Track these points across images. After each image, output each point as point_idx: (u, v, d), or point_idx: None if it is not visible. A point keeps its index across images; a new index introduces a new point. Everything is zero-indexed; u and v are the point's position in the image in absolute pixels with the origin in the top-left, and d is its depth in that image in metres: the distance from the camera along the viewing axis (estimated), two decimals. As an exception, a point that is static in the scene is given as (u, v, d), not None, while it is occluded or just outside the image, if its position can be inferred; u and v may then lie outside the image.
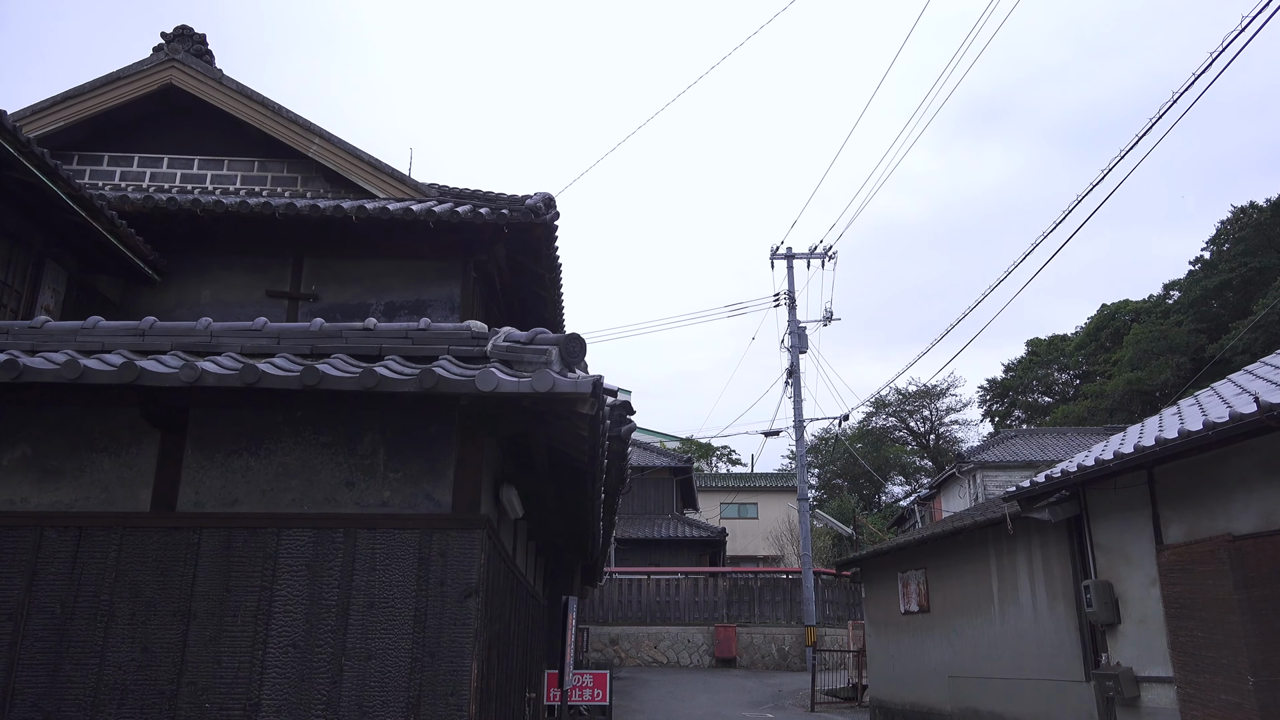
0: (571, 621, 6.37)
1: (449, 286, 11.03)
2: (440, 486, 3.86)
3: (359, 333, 4.00)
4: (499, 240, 10.87)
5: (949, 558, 12.42)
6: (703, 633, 26.75)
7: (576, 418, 3.79)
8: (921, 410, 57.74)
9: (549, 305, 12.62)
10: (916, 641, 13.36)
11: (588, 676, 8.85)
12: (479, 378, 3.46)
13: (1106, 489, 8.74)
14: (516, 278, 12.12)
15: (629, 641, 26.80)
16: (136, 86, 11.92)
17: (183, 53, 12.04)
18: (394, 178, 11.62)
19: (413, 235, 10.77)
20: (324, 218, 10.19)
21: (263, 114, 11.88)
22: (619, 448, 9.13)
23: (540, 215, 10.31)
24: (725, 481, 46.05)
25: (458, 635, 3.64)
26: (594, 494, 5.49)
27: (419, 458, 3.89)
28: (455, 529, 3.78)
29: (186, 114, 12.15)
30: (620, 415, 9.07)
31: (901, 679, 13.95)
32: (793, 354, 27.11)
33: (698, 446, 61.89)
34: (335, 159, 11.82)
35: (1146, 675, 8.41)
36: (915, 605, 13.33)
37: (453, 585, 3.72)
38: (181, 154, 12.21)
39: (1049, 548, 10.09)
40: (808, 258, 28.02)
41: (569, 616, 6.36)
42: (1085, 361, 51.61)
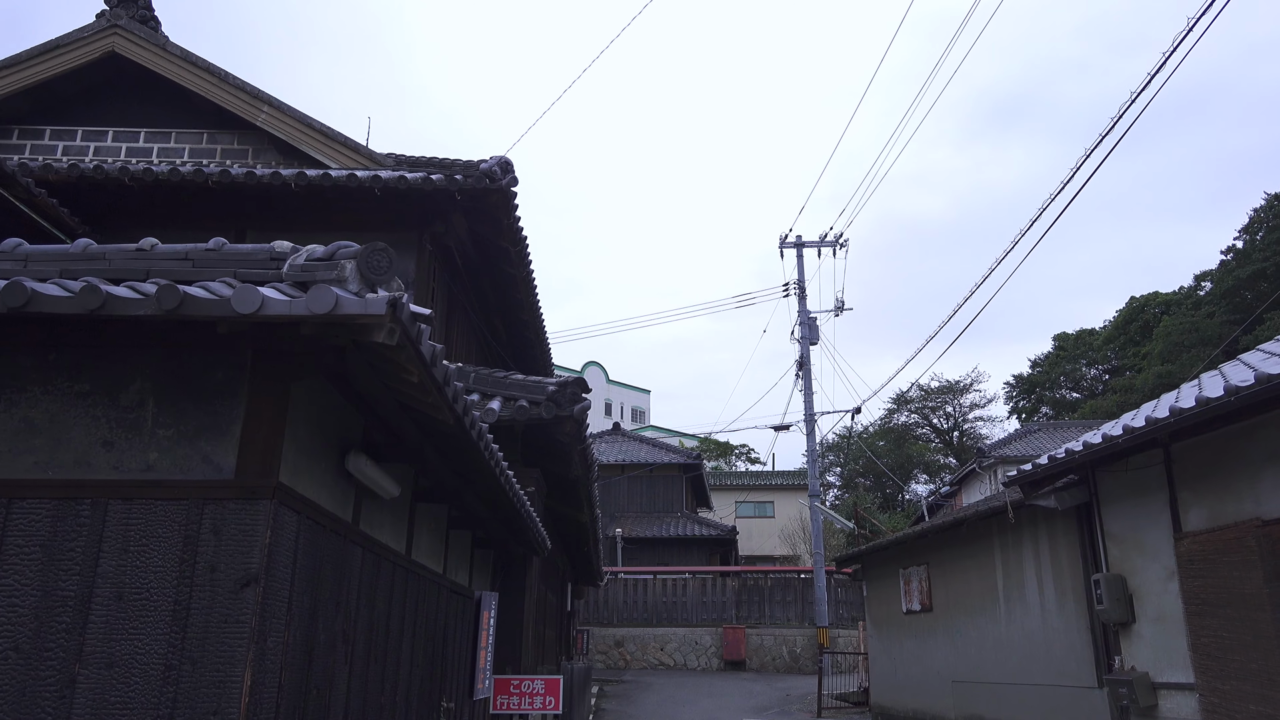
0: (486, 619, 5.51)
1: (403, 261, 10.20)
2: (222, 447, 3.02)
3: (128, 255, 3.18)
4: (454, 209, 10.05)
5: (951, 552, 11.44)
6: (711, 634, 25.82)
7: (404, 357, 2.93)
8: (944, 407, 56.33)
9: (520, 285, 11.80)
10: (919, 643, 12.38)
11: (538, 683, 7.99)
12: (235, 296, 2.62)
13: (1118, 471, 7.76)
14: (482, 255, 11.30)
15: (635, 644, 25.92)
16: (77, 55, 11.24)
17: (125, 18, 11.33)
18: (347, 147, 10.84)
19: (361, 206, 9.98)
20: (261, 186, 9.43)
21: (209, 81, 11.15)
22: (573, 429, 8.30)
23: (496, 180, 9.48)
24: (741, 479, 45.03)
25: (227, 637, 2.80)
26: (489, 472, 4.64)
27: (198, 411, 3.05)
28: (235, 499, 2.94)
29: (133, 85, 11.46)
30: (574, 393, 8.23)
31: (904, 683, 12.97)
32: (803, 345, 26.13)
33: (716, 445, 60.93)
34: (285, 128, 11.06)
35: (1165, 681, 7.42)
36: (917, 604, 12.35)
37: (226, 572, 2.87)
38: (127, 127, 11.51)
39: (1057, 539, 9.10)
40: (818, 245, 27.02)
41: (482, 614, 5.50)
42: (1114, 355, 50.08)
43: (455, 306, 11.47)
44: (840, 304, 26.76)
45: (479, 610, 5.51)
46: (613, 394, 75.74)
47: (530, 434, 8.52)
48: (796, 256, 26.87)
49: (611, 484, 30.61)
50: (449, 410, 3.51)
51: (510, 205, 9.76)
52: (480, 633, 5.46)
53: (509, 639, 8.22)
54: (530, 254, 11.12)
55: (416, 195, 9.66)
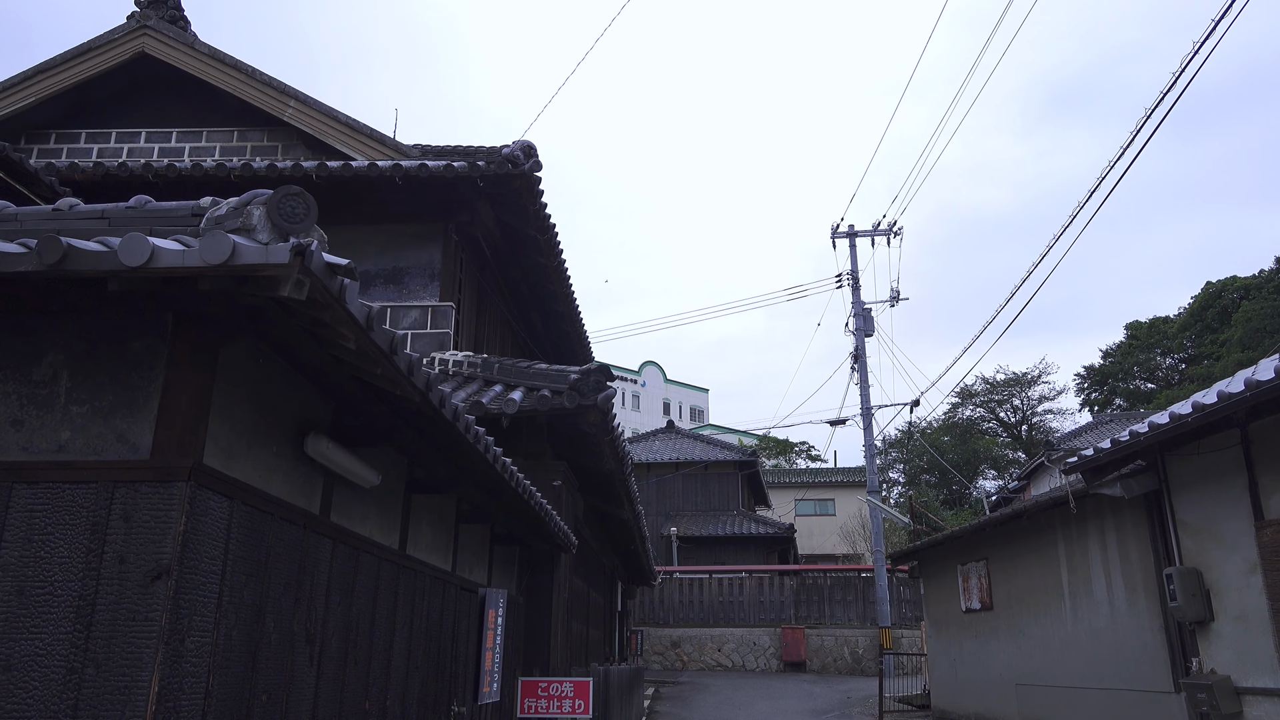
0: (493, 618, 5.15)
1: (428, 252, 9.99)
2: (138, 424, 2.70)
3: (43, 216, 2.89)
4: (479, 198, 9.77)
5: (1012, 547, 10.77)
6: (769, 635, 25.22)
7: (331, 317, 2.58)
8: (1011, 400, 54.64)
9: (551, 275, 11.47)
10: (980, 643, 11.71)
11: (567, 685, 7.64)
12: (122, 247, 2.30)
13: (1189, 454, 7.09)
14: (511, 245, 11.00)
15: (691, 644, 25.45)
16: (109, 56, 11.25)
17: (155, 19, 11.31)
18: (373, 139, 10.64)
19: (385, 197, 9.76)
20: (283, 179, 9.26)
21: (236, 78, 11.07)
22: (597, 419, 7.91)
23: (519, 165, 9.17)
24: (800, 477, 44.21)
25: (134, 636, 2.48)
26: (476, 456, 4.28)
27: (114, 385, 2.74)
28: (148, 482, 2.61)
29: (164, 86, 11.44)
30: (597, 381, 7.84)
31: (965, 686, 12.30)
32: (857, 337, 25.39)
33: (775, 443, 60.13)
34: (312, 122, 10.91)
35: (1249, 686, 6.74)
36: (977, 602, 11.68)
37: (135, 564, 2.55)
38: (160, 128, 11.50)
39: (1124, 530, 8.42)
40: (871, 235, 26.26)
41: (487, 613, 5.14)
42: (1190, 343, 48.03)
43: (485, 299, 11.20)
44: (896, 294, 25.97)
45: (483, 609, 5.15)
46: (671, 393, 75.31)
47: (556, 426, 8.18)
48: (849, 246, 26.14)
49: (665, 482, 30.21)
50: (406, 383, 3.16)
51: (534, 191, 9.44)
52: (485, 632, 5.10)
53: (537, 639, 7.88)
54: (560, 242, 10.79)
55: (439, 184, 9.41)
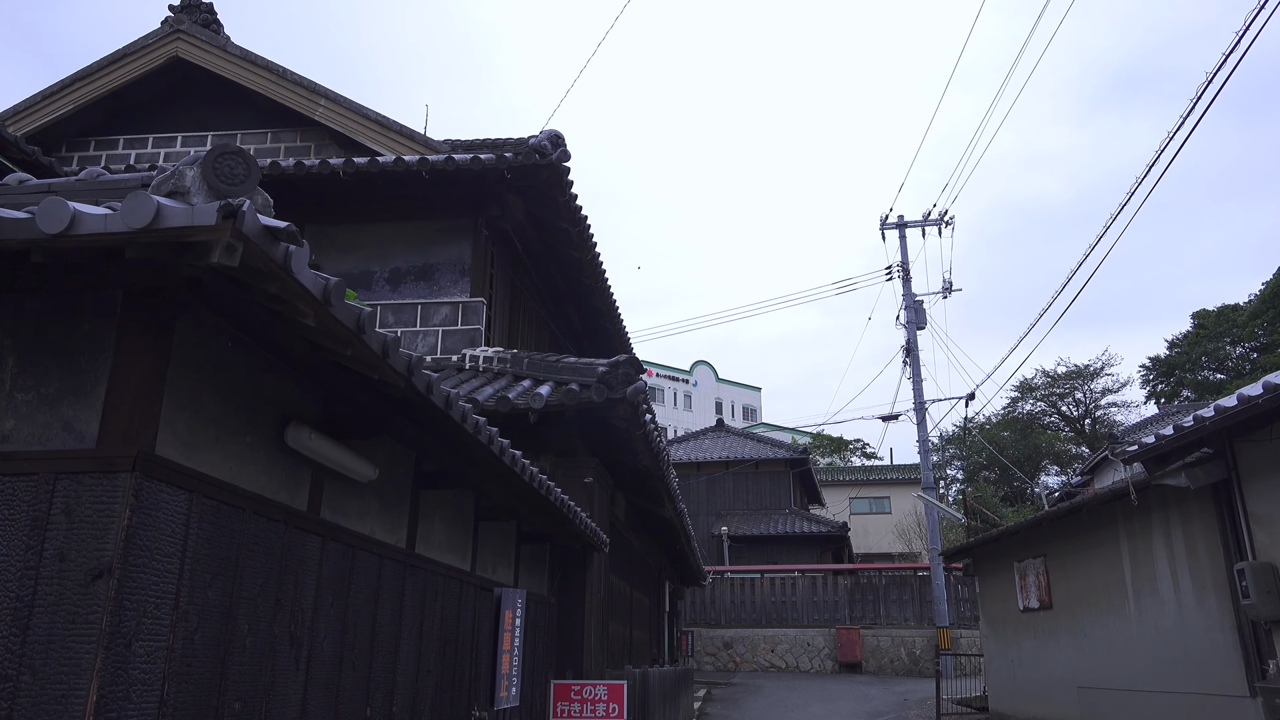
0: (509, 619, 4.93)
1: (458, 247, 9.83)
2: (85, 411, 2.52)
3: (-9, 193, 2.72)
4: (508, 190, 9.58)
5: (1071, 542, 10.24)
6: (823, 635, 24.73)
7: (280, 288, 2.36)
8: (1073, 393, 53.05)
9: (586, 269, 11.24)
10: (1039, 644, 11.18)
11: (600, 688, 7.40)
12: (40, 212, 2.10)
13: (1261, 440, 6.58)
14: (544, 240, 10.79)
15: (744, 645, 25.07)
16: (144, 61, 11.32)
17: (188, 23, 11.35)
18: (403, 135, 10.53)
19: (413, 193, 9.63)
20: (311, 177, 9.18)
21: (267, 79, 11.05)
22: (627, 412, 7.65)
23: (546, 155, 8.96)
24: (855, 475, 43.44)
25: (74, 640, 2.29)
26: (477, 445, 4.04)
27: (62, 370, 2.56)
28: (91, 473, 2.42)
29: (199, 90, 11.48)
30: (626, 373, 7.58)
31: (1024, 688, 11.77)
32: (909, 330, 24.75)
33: (830, 441, 59.24)
34: (343, 120, 10.84)
35: (1332, 689, 6.22)
36: (1035, 600, 11.15)
37: (76, 561, 2.36)
38: (194, 131, 11.54)
39: (1191, 523, 7.90)
40: (921, 225, 25.58)
41: (503, 613, 4.91)
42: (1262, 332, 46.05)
43: (519, 295, 11.01)
44: (948, 285, 25.27)
45: (499, 609, 4.92)
46: (723, 392, 74.82)
47: (587, 421, 7.93)
48: (898, 237, 25.51)
49: (715, 481, 29.86)
50: (384, 367, 2.93)
51: (563, 181, 9.22)
52: (502, 634, 4.87)
53: (570, 641, 7.66)
54: (593, 235, 10.56)
55: (467, 178, 9.24)
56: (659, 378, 70.91)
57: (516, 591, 5.13)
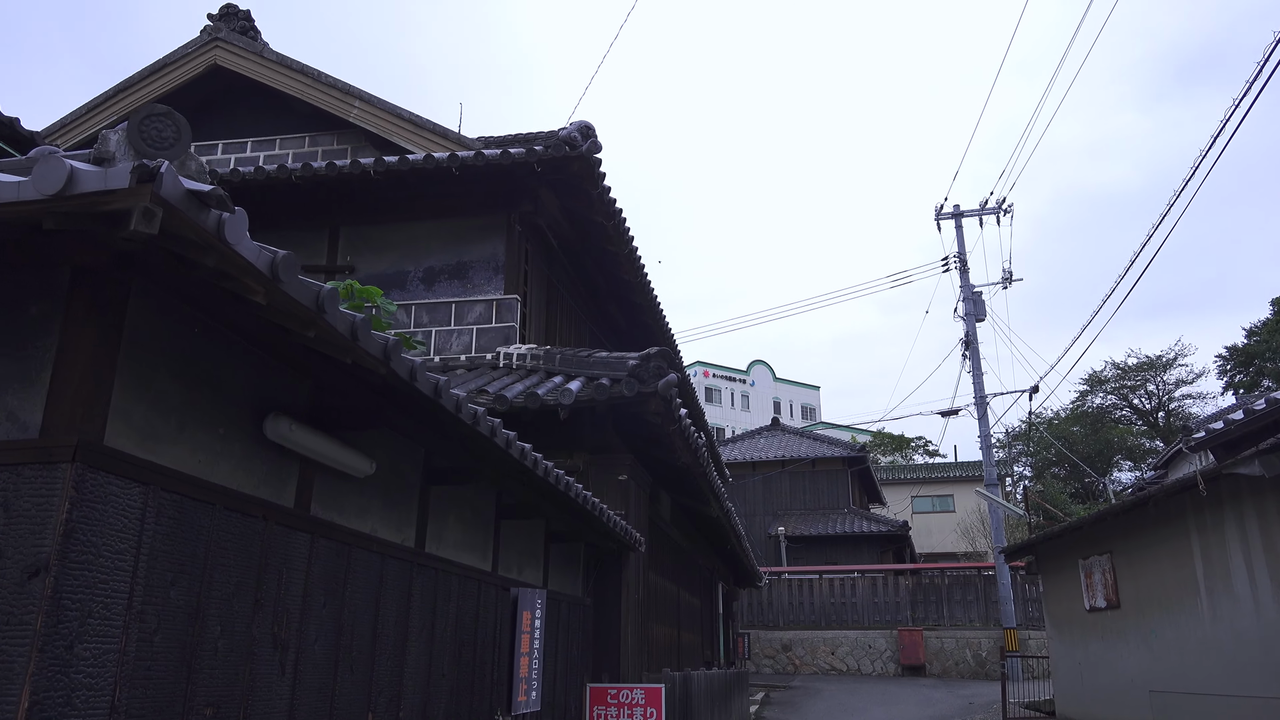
0: (527, 620, 4.73)
1: (491, 244, 9.70)
2: (29, 399, 2.38)
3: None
4: (540, 185, 9.42)
5: (1138, 538, 9.69)
6: (885, 637, 24.15)
7: (217, 260, 2.19)
8: (1145, 385, 51.17)
9: (624, 264, 11.03)
10: (1106, 645, 10.62)
11: (638, 692, 7.18)
12: (-51, 184, 1.94)
13: (1342, 424, 6.09)
14: (581, 236, 10.61)
15: (803, 647, 24.61)
16: (184, 70, 11.45)
17: (226, 30, 11.45)
18: (436, 133, 10.46)
19: (446, 190, 9.54)
20: (343, 177, 9.14)
21: (303, 82, 11.09)
22: (659, 407, 7.40)
23: (576, 146, 8.77)
24: (917, 473, 42.52)
25: (8, 643, 2.15)
26: (479, 439, 3.85)
27: (7, 356, 2.45)
28: (32, 464, 2.27)
29: (238, 97, 11.57)
30: (658, 366, 7.34)
31: (1093, 692, 11.20)
32: (967, 322, 24.08)
33: (891, 439, 58.16)
34: (377, 121, 10.82)
35: None
36: (1101, 600, 10.60)
37: (14, 558, 2.22)
38: (235, 138, 11.64)
39: (1268, 516, 7.37)
40: (979, 214, 24.88)
41: (520, 614, 4.72)
42: (1348, 316, 43.86)
43: (556, 292, 10.85)
44: (1008, 275, 24.52)
45: (515, 610, 4.73)
46: (781, 392, 74.07)
47: (621, 417, 7.72)
48: (955, 227, 24.85)
49: (771, 481, 29.42)
50: (353, 348, 2.75)
51: (594, 174, 9.02)
52: (519, 636, 4.68)
53: (606, 644, 7.45)
54: (630, 229, 10.34)
55: (498, 173, 9.11)
56: (715, 378, 70.52)
57: (535, 591, 4.93)
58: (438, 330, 9.43)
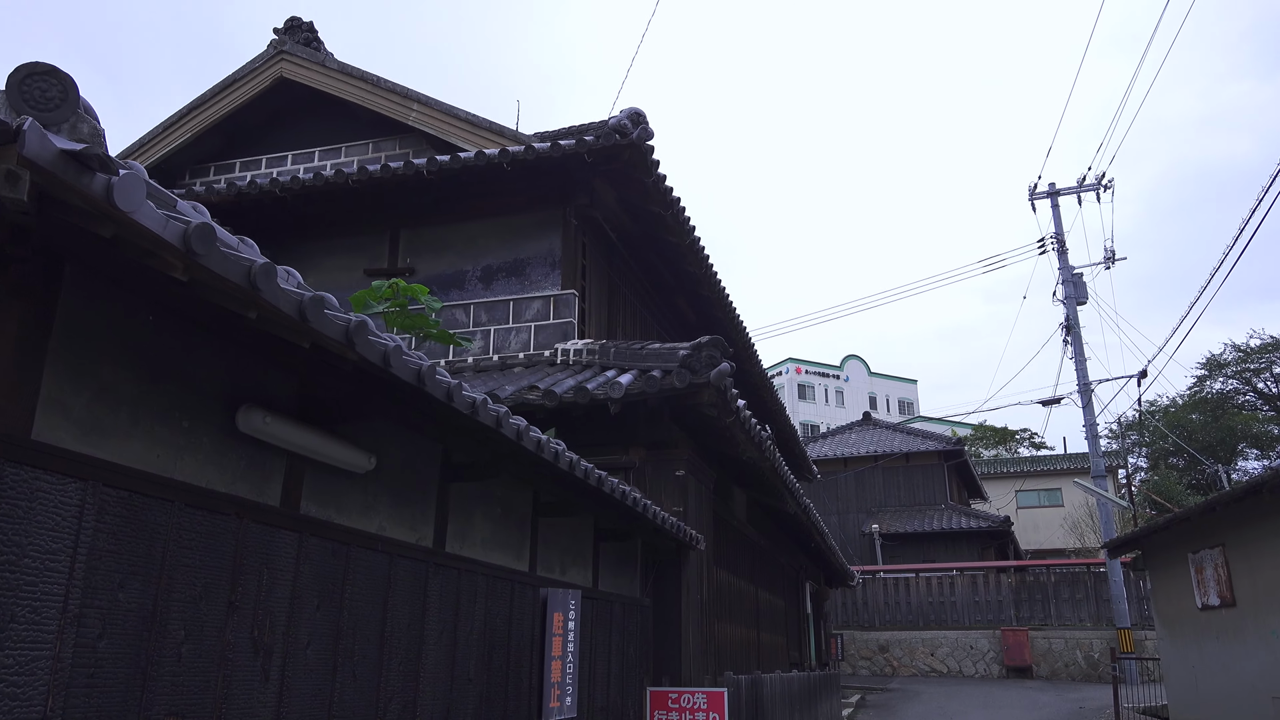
0: (559, 622, 4.51)
1: (548, 240, 9.56)
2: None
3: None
4: (593, 176, 9.22)
5: (1254, 528, 8.86)
6: (987, 637, 23.14)
7: (122, 230, 2.02)
8: (1271, 368, 47.86)
9: (687, 255, 10.74)
10: (1223, 646, 9.76)
11: (699, 696, 6.88)
12: None
13: None
14: (640, 227, 10.36)
15: (900, 648, 23.80)
16: (252, 85, 11.69)
17: (290, 43, 11.63)
18: (493, 131, 10.37)
19: (500, 188, 9.43)
20: (398, 179, 9.13)
21: (363, 88, 11.17)
22: (714, 398, 7.05)
23: (627, 134, 8.54)
24: (1022, 466, 40.79)
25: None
26: (480, 429, 3.63)
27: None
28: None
29: (304, 108, 11.74)
30: (710, 355, 7.02)
31: (1208, 697, 10.33)
32: (1068, 306, 22.89)
33: (993, 432, 56.09)
34: (435, 122, 10.81)
35: None
36: (1214, 597, 9.75)
37: (-74, 560, 2.08)
38: (303, 148, 11.82)
39: (1400, 502, 6.59)
40: (1076, 191, 23.64)
41: (551, 616, 4.49)
42: None
43: (618, 286, 10.63)
44: (1110, 254, 23.22)
45: (545, 611, 4.50)
46: (876, 386, 72.39)
47: (680, 410, 7.45)
48: (1051, 206, 23.66)
49: (864, 477, 28.60)
50: (306, 329, 2.55)
51: (647, 161, 8.76)
52: (550, 639, 4.45)
53: (666, 646, 7.17)
54: (690, 219, 10.04)
55: (548, 165, 8.95)
56: (808, 374, 69.40)
57: (568, 592, 4.70)
58: (496, 329, 9.33)
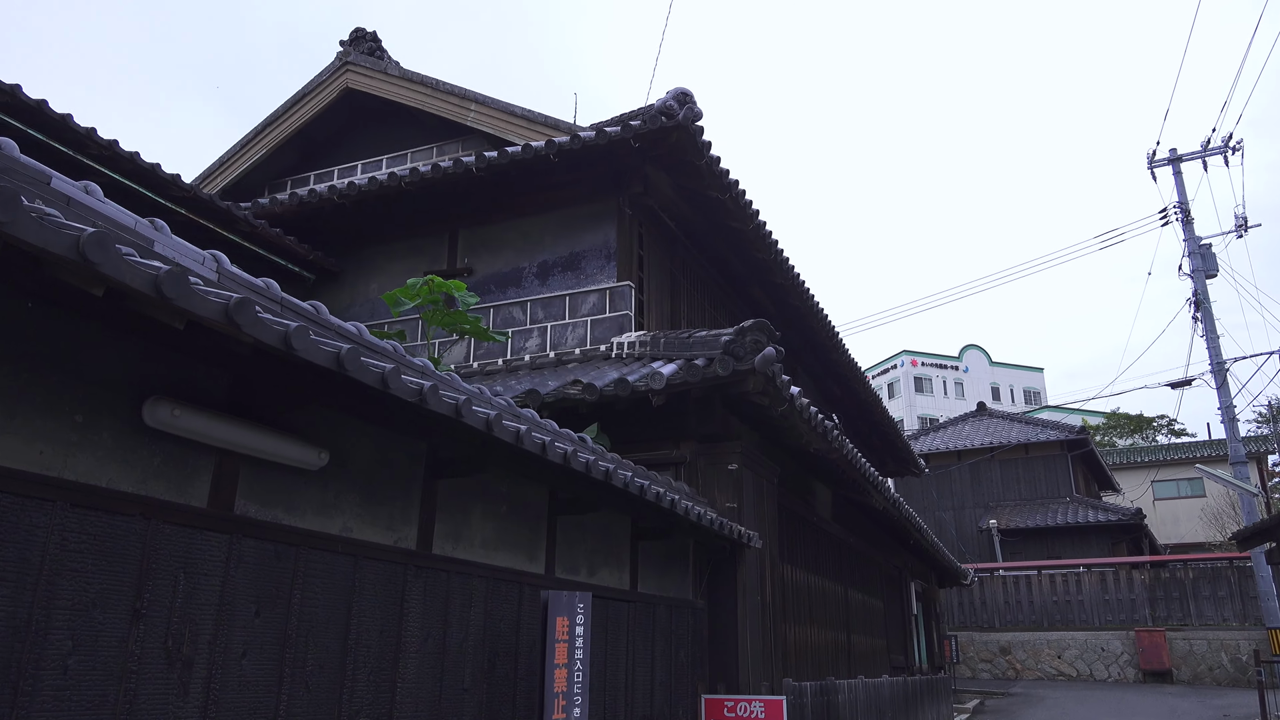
0: (563, 628, 4.19)
1: (602, 232, 9.29)
2: None
3: None
4: (644, 162, 8.88)
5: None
6: (1120, 638, 21.61)
7: None
8: None
9: (752, 241, 10.27)
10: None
11: (756, 704, 6.44)
12: None
13: None
14: (702, 214, 9.94)
15: (1024, 650, 22.49)
16: (321, 97, 11.87)
17: (354, 54, 11.76)
18: (548, 125, 10.18)
19: (552, 181, 9.21)
20: (450, 179, 9.05)
21: (423, 93, 11.19)
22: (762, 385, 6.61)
23: (674, 116, 8.17)
24: (1158, 455, 38.17)
25: None
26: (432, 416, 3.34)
27: None
28: None
29: (370, 118, 11.86)
30: (754, 340, 6.58)
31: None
32: (1196, 279, 21.18)
33: (1127, 420, 52.85)
34: (492, 121, 10.71)
35: None
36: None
37: None
38: (371, 157, 11.94)
39: None
40: (1201, 156, 21.87)
41: (554, 621, 4.18)
42: None
43: (680, 277, 10.25)
44: (1243, 221, 21.36)
45: (546, 616, 4.19)
46: (998, 376, 69.33)
47: (731, 400, 7.04)
48: (1173, 174, 21.95)
49: (980, 470, 27.25)
50: (163, 304, 2.31)
51: (696, 143, 8.37)
52: (552, 646, 4.14)
53: (721, 652, 6.77)
54: (752, 202, 9.57)
55: (599, 155, 8.67)
56: (925, 366, 67.08)
57: (573, 594, 4.37)
58: (553, 325, 9.12)
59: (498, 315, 9.36)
